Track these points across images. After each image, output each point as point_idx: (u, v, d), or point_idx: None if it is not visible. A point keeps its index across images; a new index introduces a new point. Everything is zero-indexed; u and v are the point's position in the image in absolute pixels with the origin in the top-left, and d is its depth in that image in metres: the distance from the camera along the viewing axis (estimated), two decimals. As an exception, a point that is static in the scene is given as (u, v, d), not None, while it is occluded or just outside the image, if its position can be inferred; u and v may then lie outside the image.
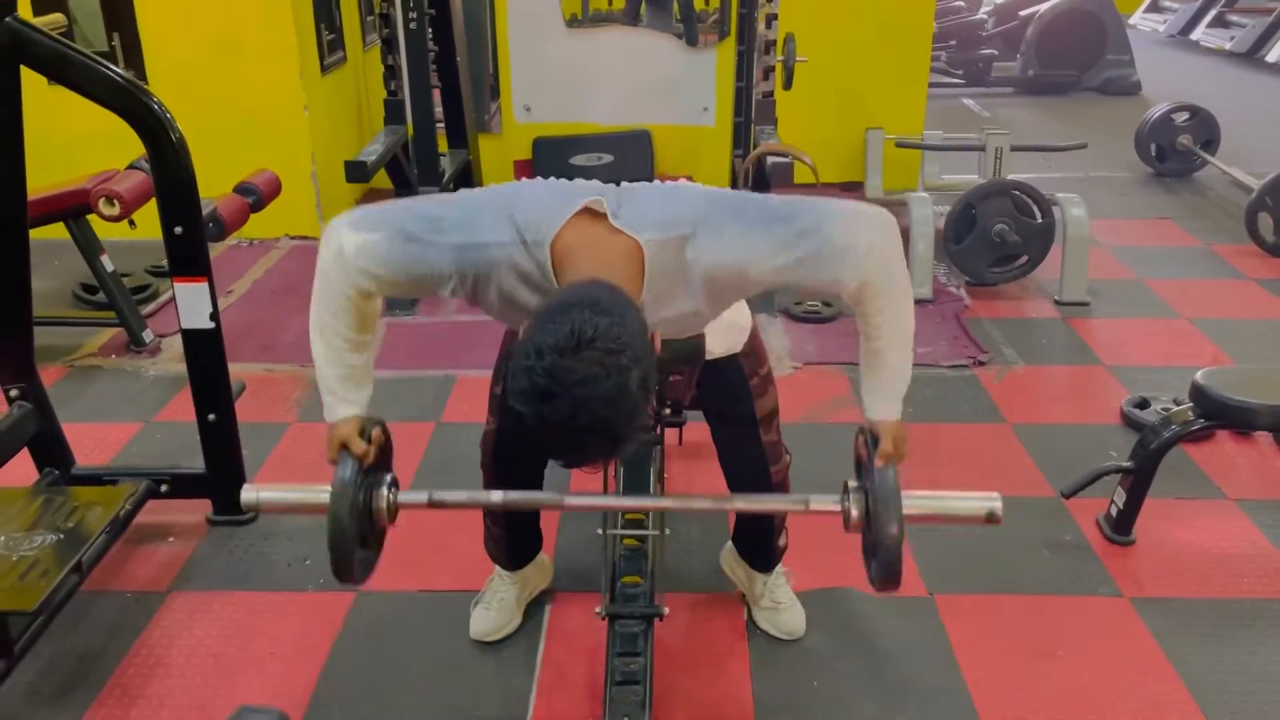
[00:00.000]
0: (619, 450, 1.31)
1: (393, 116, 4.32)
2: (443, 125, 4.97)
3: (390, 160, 4.06)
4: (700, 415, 2.11)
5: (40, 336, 2.62)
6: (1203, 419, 2.52)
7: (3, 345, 2.49)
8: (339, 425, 1.62)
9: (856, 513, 1.57)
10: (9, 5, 2.18)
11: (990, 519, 1.55)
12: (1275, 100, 8.51)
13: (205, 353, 2.53)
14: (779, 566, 2.28)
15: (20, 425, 2.51)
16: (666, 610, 2.04)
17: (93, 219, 3.49)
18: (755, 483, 2.07)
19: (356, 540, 1.58)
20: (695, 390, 1.99)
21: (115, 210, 3.29)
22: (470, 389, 3.36)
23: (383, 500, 1.63)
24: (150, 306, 4.04)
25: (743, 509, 2.12)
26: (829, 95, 5.36)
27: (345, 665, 2.22)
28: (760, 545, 2.24)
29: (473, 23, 5.28)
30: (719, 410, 2.06)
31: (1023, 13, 9.17)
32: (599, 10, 6.43)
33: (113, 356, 3.70)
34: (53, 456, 2.64)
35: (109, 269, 3.68)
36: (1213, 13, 11.01)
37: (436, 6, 4.43)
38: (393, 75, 4.30)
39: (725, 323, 1.81)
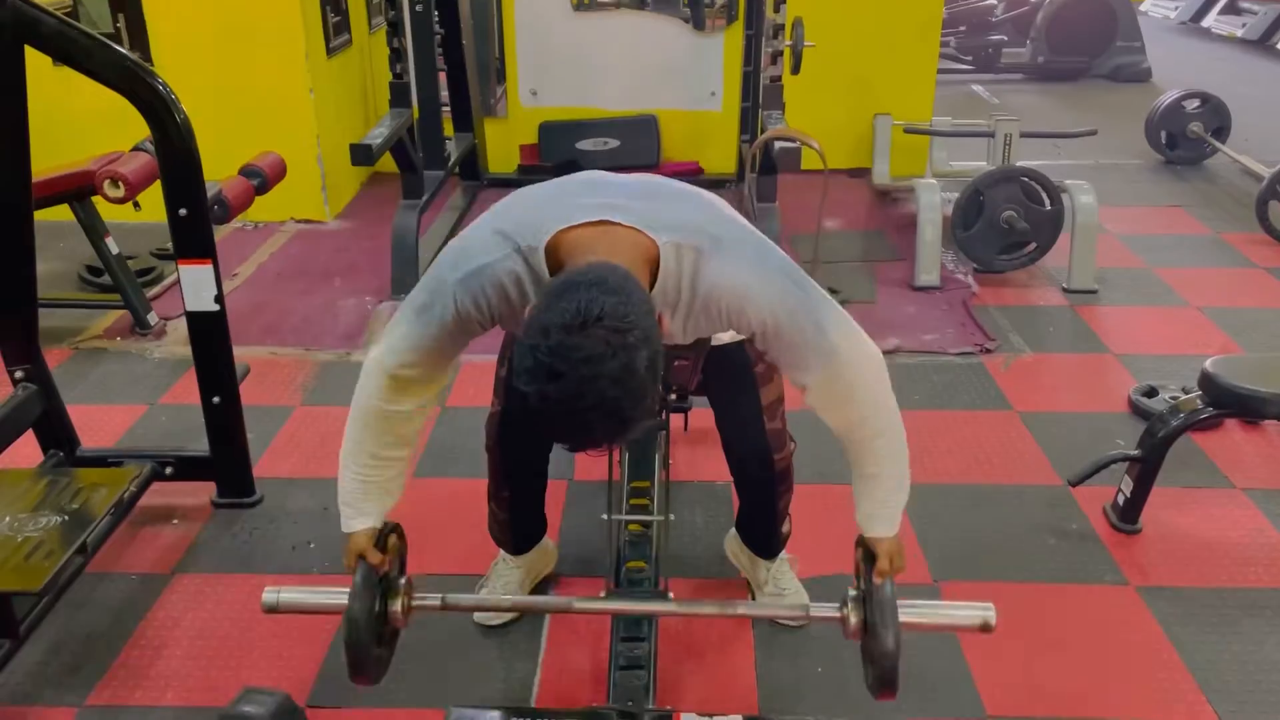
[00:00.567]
0: (626, 432, 1.30)
1: (398, 100, 4.30)
2: (448, 109, 4.96)
3: (395, 144, 4.05)
4: (705, 401, 2.10)
5: (45, 318, 2.62)
6: (1211, 408, 2.50)
7: (8, 327, 2.49)
8: (355, 536, 1.67)
9: (855, 621, 1.65)
10: (14, -15, 2.17)
11: (984, 628, 1.68)
12: (1287, 88, 8.46)
13: (210, 335, 2.53)
14: (783, 553, 2.28)
15: (25, 407, 2.51)
16: (671, 595, 2.04)
17: (98, 201, 3.48)
18: (758, 470, 2.06)
19: (373, 642, 1.65)
20: (700, 376, 1.99)
21: (120, 192, 3.28)
22: (475, 373, 3.34)
23: (398, 604, 1.71)
24: (155, 289, 4.04)
25: (745, 614, 2.23)
26: (837, 80, 5.32)
27: (349, 648, 2.22)
28: (764, 532, 2.23)
29: (479, 6, 5.25)
30: (723, 397, 2.05)
31: (1033, -2, 9.12)
32: (605, -7, 6.37)
33: (117, 339, 3.70)
34: (58, 438, 2.64)
35: (114, 251, 3.67)
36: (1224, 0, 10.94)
37: (442, -11, 4.41)
38: (398, 58, 4.27)
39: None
